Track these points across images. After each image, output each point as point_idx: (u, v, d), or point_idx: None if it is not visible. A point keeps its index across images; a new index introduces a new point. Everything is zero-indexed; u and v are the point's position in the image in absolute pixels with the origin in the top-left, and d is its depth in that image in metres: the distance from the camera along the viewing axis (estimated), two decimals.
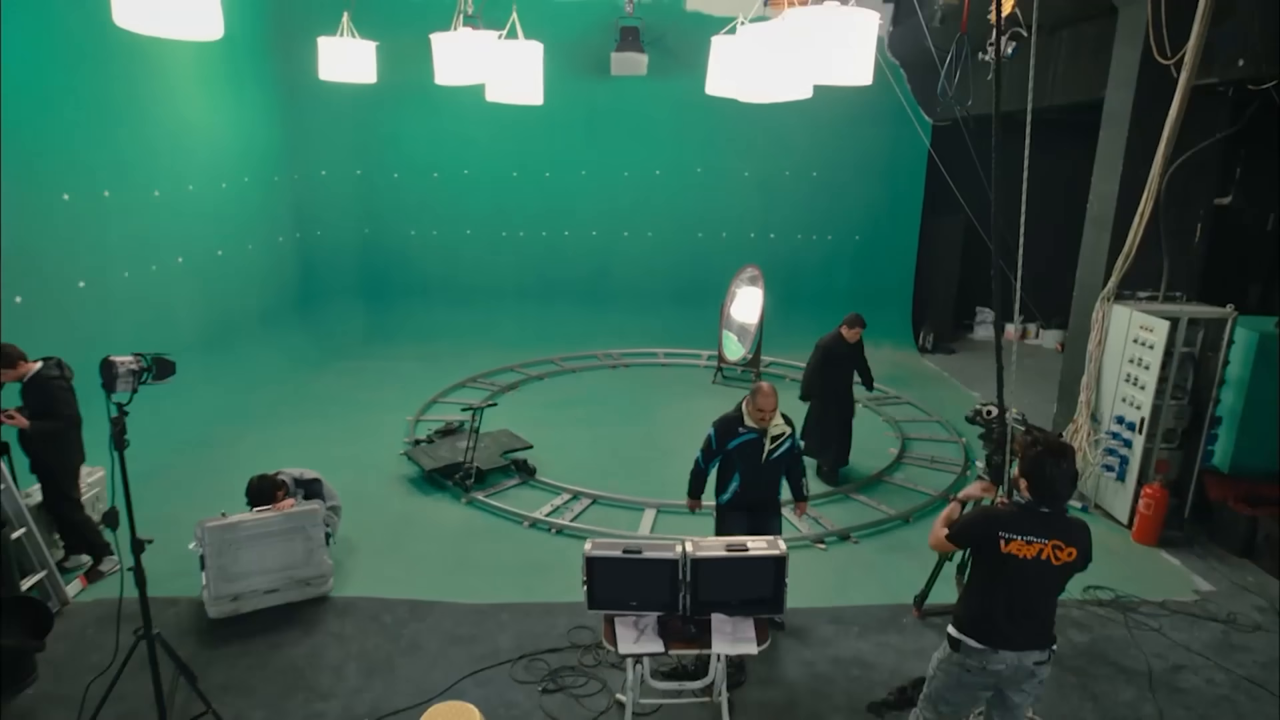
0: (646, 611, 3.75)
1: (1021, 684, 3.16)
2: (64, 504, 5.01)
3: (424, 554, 5.72)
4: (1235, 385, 6.58)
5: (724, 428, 4.64)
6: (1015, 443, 3.76)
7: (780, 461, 4.68)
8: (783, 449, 4.65)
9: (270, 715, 4.05)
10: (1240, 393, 6.58)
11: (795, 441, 4.76)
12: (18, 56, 6.07)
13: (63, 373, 4.92)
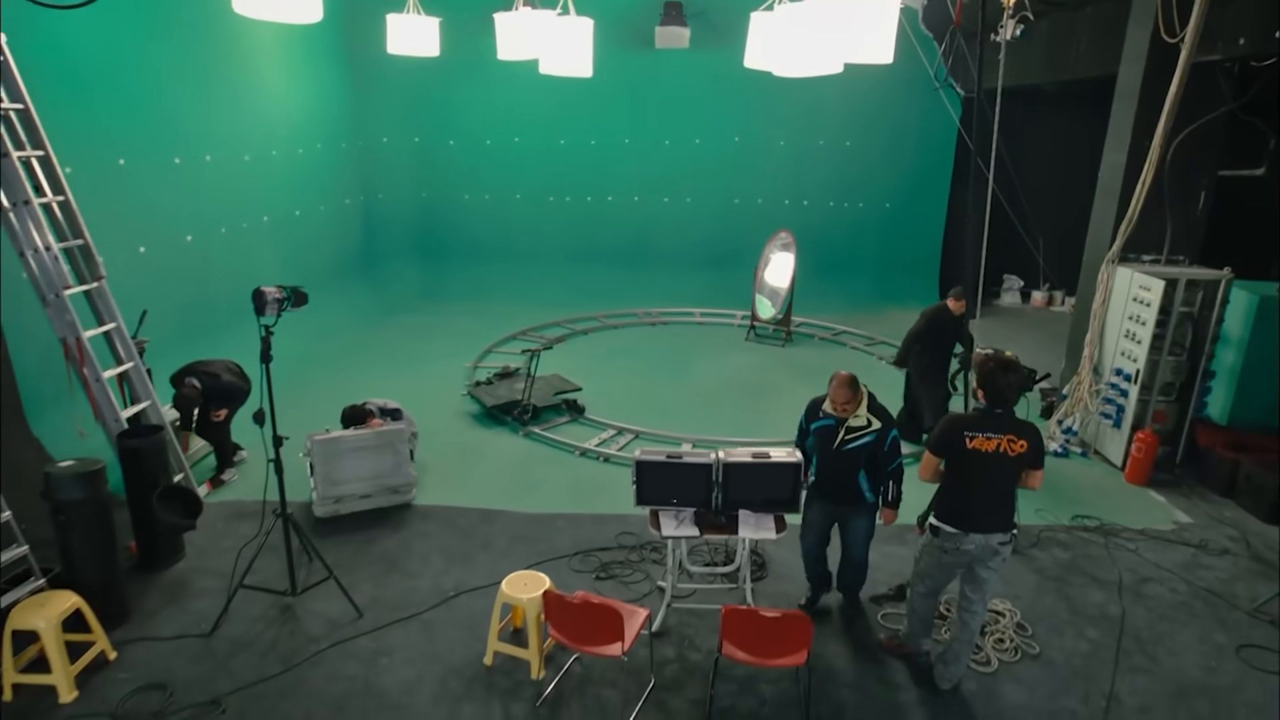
0: (685, 507, 4.55)
1: (988, 561, 3.90)
2: (212, 429, 6.05)
3: (489, 475, 6.59)
4: (1235, 345, 7.09)
5: (810, 407, 4.53)
6: (974, 360, 4.32)
7: (856, 454, 4.35)
8: (860, 442, 4.32)
9: (375, 588, 4.95)
10: (1240, 352, 7.09)
11: (884, 439, 4.32)
12: (136, 39, 6.95)
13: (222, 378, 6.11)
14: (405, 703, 4.01)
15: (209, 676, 4.14)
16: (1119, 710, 4.10)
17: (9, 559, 4.31)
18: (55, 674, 3.93)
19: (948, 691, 4.17)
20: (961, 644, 4.10)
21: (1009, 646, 4.55)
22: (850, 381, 4.26)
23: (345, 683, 4.14)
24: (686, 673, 4.28)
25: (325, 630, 4.54)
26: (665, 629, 4.62)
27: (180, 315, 7.46)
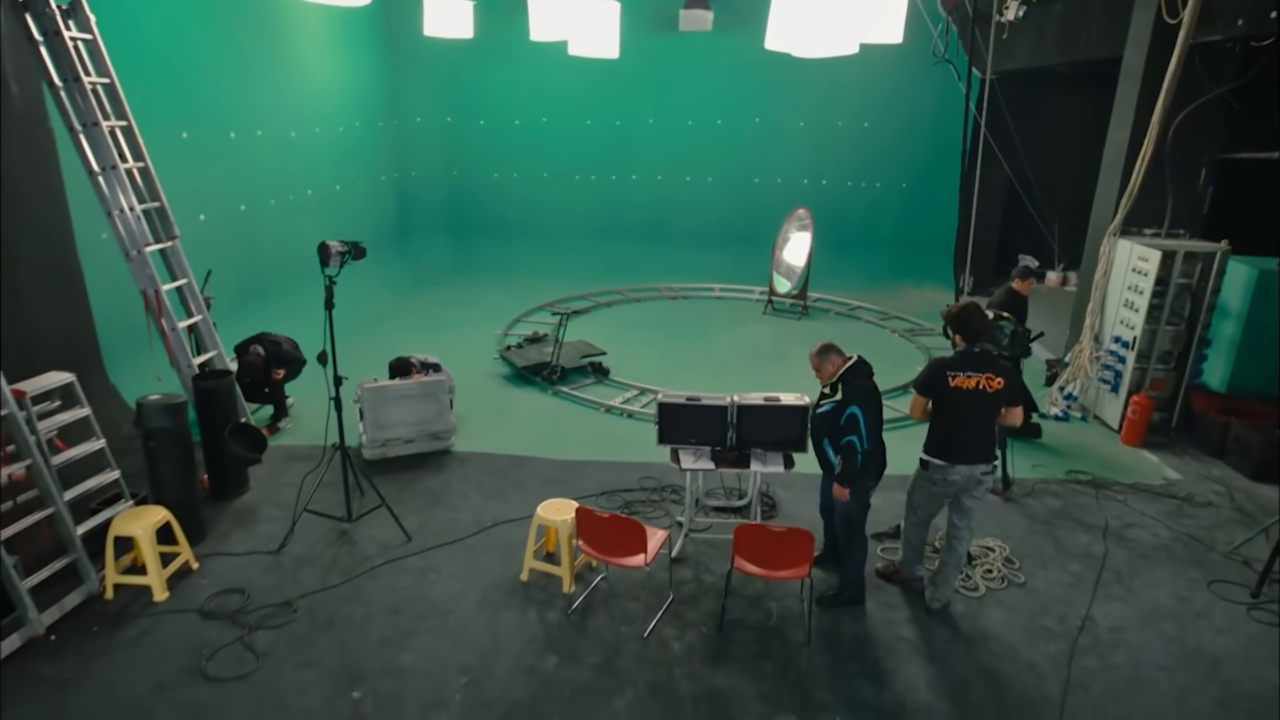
0: (703, 445, 5.02)
1: (972, 490, 4.34)
2: (271, 387, 6.67)
3: (521, 427, 7.10)
4: (1235, 317, 7.41)
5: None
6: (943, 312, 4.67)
7: (819, 421, 4.46)
8: (821, 410, 4.43)
9: (420, 518, 5.48)
10: (1239, 323, 7.40)
11: (840, 413, 4.28)
12: (197, 22, 7.48)
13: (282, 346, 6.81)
14: (452, 609, 4.53)
15: (279, 585, 4.70)
16: (1092, 628, 4.53)
17: (104, 483, 4.88)
18: (150, 576, 4.50)
19: (938, 611, 4.62)
20: (950, 567, 4.55)
21: (997, 576, 4.98)
22: (818, 350, 4.46)
23: (399, 592, 4.67)
24: (702, 591, 4.77)
25: (378, 551, 5.08)
26: (683, 556, 5.11)
27: (235, 279, 8.01)
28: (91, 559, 4.51)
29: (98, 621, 4.33)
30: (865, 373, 4.38)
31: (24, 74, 5.46)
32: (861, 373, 4.36)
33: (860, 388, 4.29)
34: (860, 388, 4.29)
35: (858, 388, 4.29)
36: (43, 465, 4.34)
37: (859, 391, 4.26)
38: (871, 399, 4.31)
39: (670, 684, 4.00)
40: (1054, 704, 3.95)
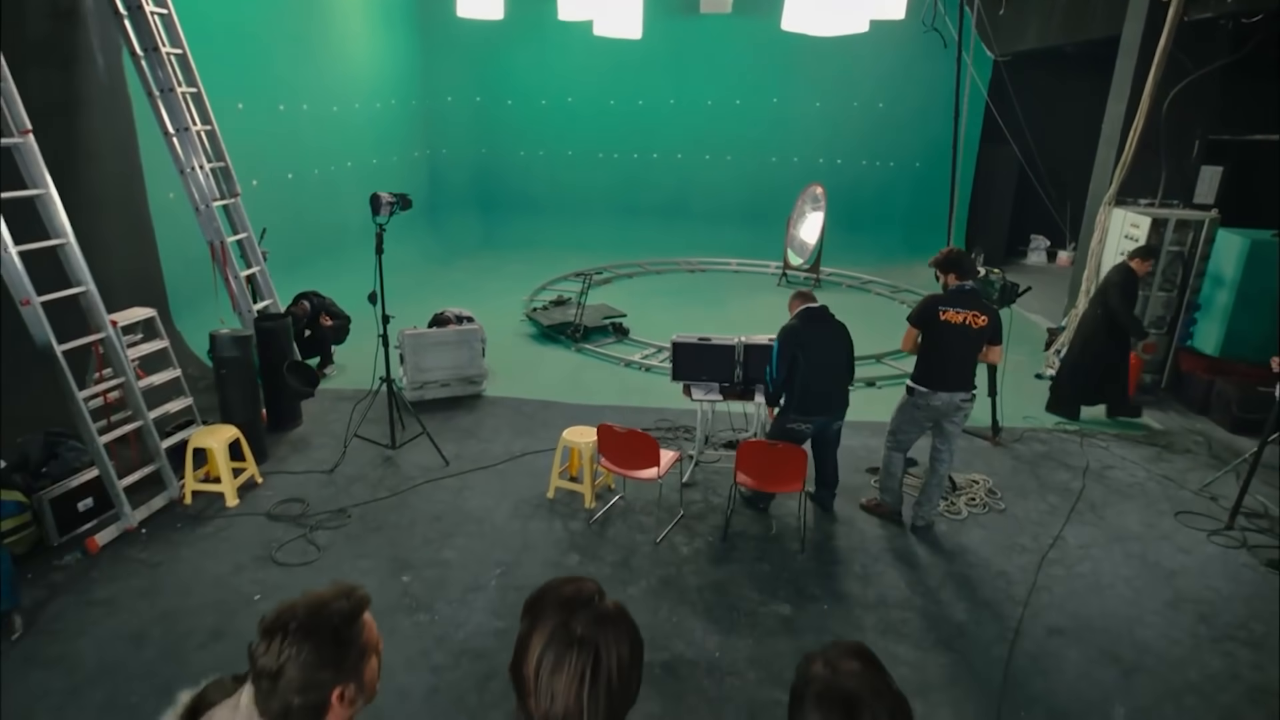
0: (712, 382, 5.55)
1: (952, 416, 4.83)
2: (316, 335, 7.30)
3: (547, 378, 7.67)
4: (1229, 285, 7.78)
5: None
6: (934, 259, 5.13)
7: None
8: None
9: (456, 448, 6.06)
10: (1233, 291, 7.77)
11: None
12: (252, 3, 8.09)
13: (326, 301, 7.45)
14: (486, 518, 5.11)
15: (334, 496, 5.30)
16: (1062, 546, 5.01)
17: (179, 408, 5.51)
18: (224, 484, 5.12)
19: (921, 529, 5.12)
20: (932, 488, 5.04)
21: (979, 504, 5.47)
22: (790, 296, 5.12)
23: (439, 505, 5.26)
24: (710, 509, 5.31)
25: (420, 473, 5.67)
26: (693, 481, 5.65)
27: (281, 243, 8.61)
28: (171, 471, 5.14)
29: (180, 520, 4.96)
30: (814, 317, 4.87)
31: (108, 45, 6.09)
32: (812, 317, 4.86)
33: (785, 328, 4.89)
34: (785, 328, 4.89)
35: (784, 327, 4.88)
36: (134, 385, 4.97)
37: (782, 330, 4.88)
38: (796, 339, 4.81)
39: (679, 578, 4.55)
40: (1019, 602, 4.44)
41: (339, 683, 1.41)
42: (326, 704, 1.41)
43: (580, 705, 1.24)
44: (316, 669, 1.38)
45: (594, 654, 1.26)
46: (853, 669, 1.32)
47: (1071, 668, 3.93)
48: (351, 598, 1.47)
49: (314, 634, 1.39)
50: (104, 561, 4.50)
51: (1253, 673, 3.93)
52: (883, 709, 1.29)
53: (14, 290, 4.37)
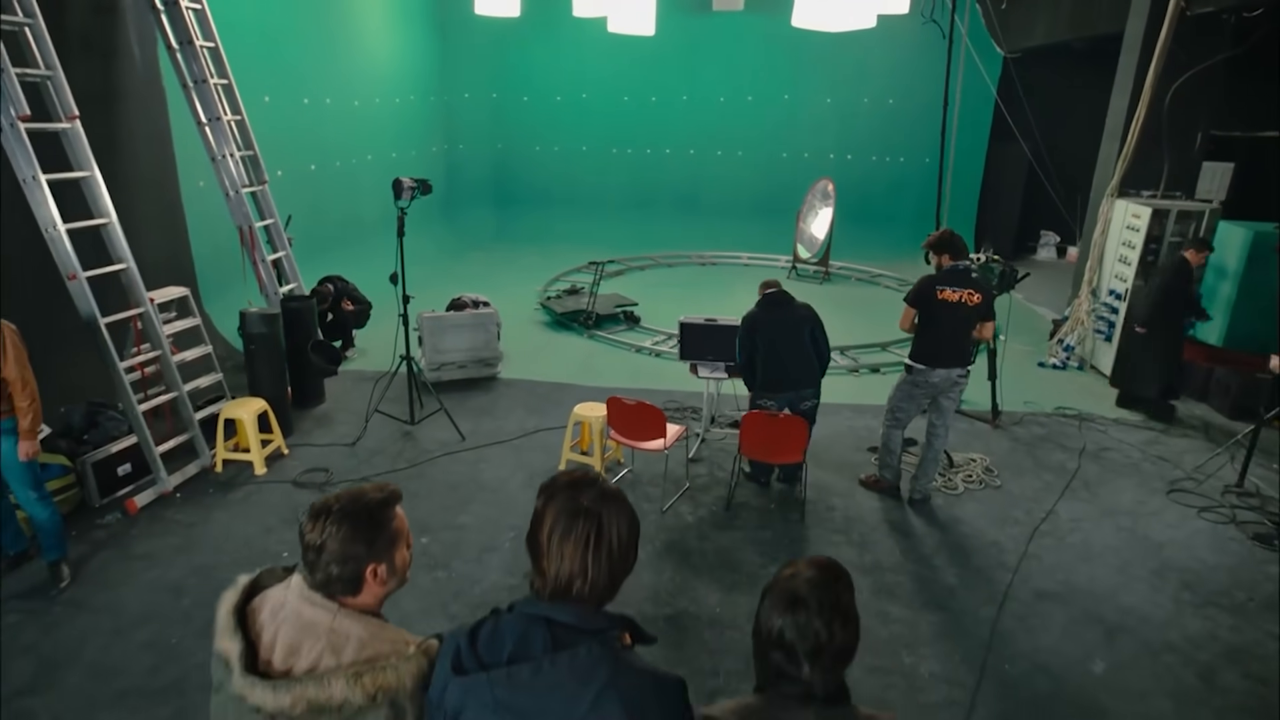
0: (718, 361, 5.77)
1: (949, 391, 5.02)
2: (338, 319, 7.58)
3: (560, 362, 7.91)
4: (1231, 277, 7.91)
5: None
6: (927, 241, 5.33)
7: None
8: None
9: (472, 425, 6.31)
10: (1235, 283, 7.90)
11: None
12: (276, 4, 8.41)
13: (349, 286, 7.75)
14: (500, 488, 5.35)
15: (356, 467, 5.57)
16: (1054, 520, 5.19)
17: (210, 383, 5.80)
18: (252, 453, 5.40)
19: (918, 502, 5.32)
20: (929, 462, 5.23)
21: (976, 481, 5.66)
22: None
23: (455, 475, 5.51)
24: (714, 482, 5.53)
25: (438, 447, 5.93)
26: (699, 457, 5.87)
27: (303, 232, 8.91)
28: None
29: (212, 486, 5.25)
30: (772, 302, 5.12)
31: (144, 38, 6.39)
32: (770, 302, 5.12)
33: (745, 315, 5.20)
34: (745, 315, 5.20)
35: (745, 315, 5.21)
36: (169, 358, 5.25)
37: (743, 317, 5.21)
38: (751, 324, 5.11)
39: (683, 543, 4.77)
40: (1009, 568, 4.63)
41: (372, 560, 1.63)
42: (361, 578, 1.63)
43: (585, 566, 1.46)
44: (352, 544, 1.60)
45: (597, 523, 1.48)
46: (810, 576, 1.52)
47: (1056, 627, 4.12)
48: (385, 490, 1.71)
49: (351, 516, 1.62)
50: (142, 521, 4.79)
51: (1231, 634, 4.11)
52: (824, 614, 1.46)
53: (62, 265, 4.66)
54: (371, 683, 1.51)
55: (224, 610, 1.64)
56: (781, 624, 1.47)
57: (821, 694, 1.46)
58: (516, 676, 1.41)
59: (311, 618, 1.60)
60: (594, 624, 1.46)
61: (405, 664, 1.55)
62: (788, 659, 1.47)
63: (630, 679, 1.41)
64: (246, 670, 1.54)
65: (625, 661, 1.43)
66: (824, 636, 1.44)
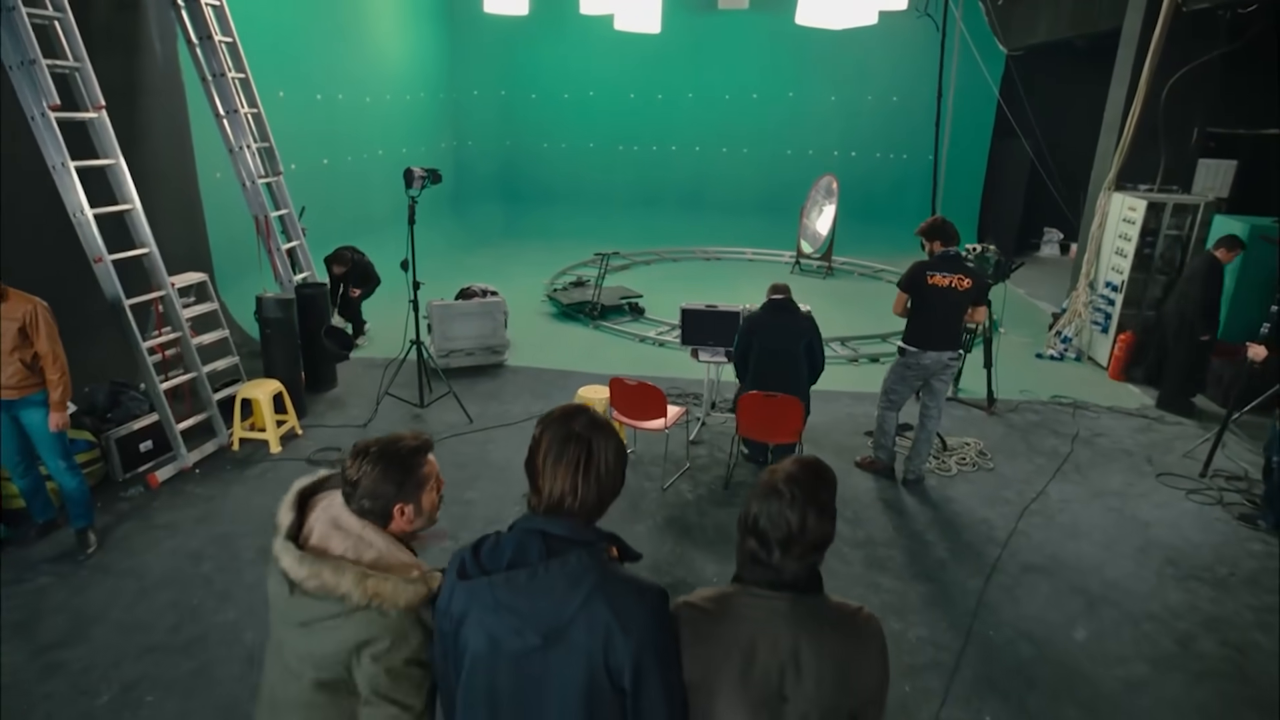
0: (718, 346, 5.94)
1: (940, 374, 5.17)
2: (348, 305, 7.85)
3: (565, 351, 8.09)
4: (1229, 270, 8.01)
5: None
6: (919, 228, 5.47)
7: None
8: None
9: (480, 408, 6.50)
10: (1233, 276, 8.00)
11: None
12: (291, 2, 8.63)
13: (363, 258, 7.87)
14: (507, 466, 5.53)
15: None
16: (1044, 501, 5.33)
17: (227, 365, 6.01)
18: (268, 432, 5.60)
19: (912, 482, 5.47)
20: (922, 443, 5.39)
21: (969, 464, 5.80)
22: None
23: (463, 455, 5.70)
24: (714, 463, 5.70)
25: (446, 429, 6.11)
26: (700, 440, 6.04)
27: (316, 223, 9.13)
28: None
29: (229, 463, 5.45)
30: (776, 307, 5.26)
31: (164, 34, 6.61)
32: (774, 307, 5.26)
33: (747, 315, 5.45)
34: (747, 315, 5.45)
35: (747, 315, 5.47)
36: (189, 340, 5.46)
37: (745, 317, 5.46)
38: (751, 324, 5.29)
39: (683, 518, 4.95)
40: (998, 544, 4.78)
41: (399, 500, 1.82)
42: (390, 514, 1.83)
43: (575, 485, 1.64)
44: (383, 484, 1.80)
45: (588, 447, 1.65)
46: (791, 471, 1.66)
47: (1041, 598, 4.27)
48: (419, 439, 1.90)
49: (385, 459, 1.81)
50: (163, 494, 4.99)
51: (1211, 606, 4.25)
52: (797, 506, 1.58)
53: (88, 248, 4.86)
54: (373, 587, 1.69)
55: (294, 489, 1.90)
56: (757, 512, 1.62)
57: (791, 580, 1.60)
58: (514, 580, 1.58)
59: (347, 522, 1.81)
60: (584, 536, 1.63)
61: (406, 585, 1.73)
62: (761, 545, 1.61)
63: (616, 585, 1.58)
64: (288, 537, 1.77)
65: (611, 570, 1.61)
66: (795, 526, 1.58)
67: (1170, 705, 3.53)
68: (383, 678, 1.72)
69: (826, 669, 1.57)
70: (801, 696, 1.56)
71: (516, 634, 1.57)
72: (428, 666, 1.77)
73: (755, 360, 5.24)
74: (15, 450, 4.21)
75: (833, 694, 1.58)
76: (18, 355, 3.97)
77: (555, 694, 1.56)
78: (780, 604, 1.60)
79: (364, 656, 1.72)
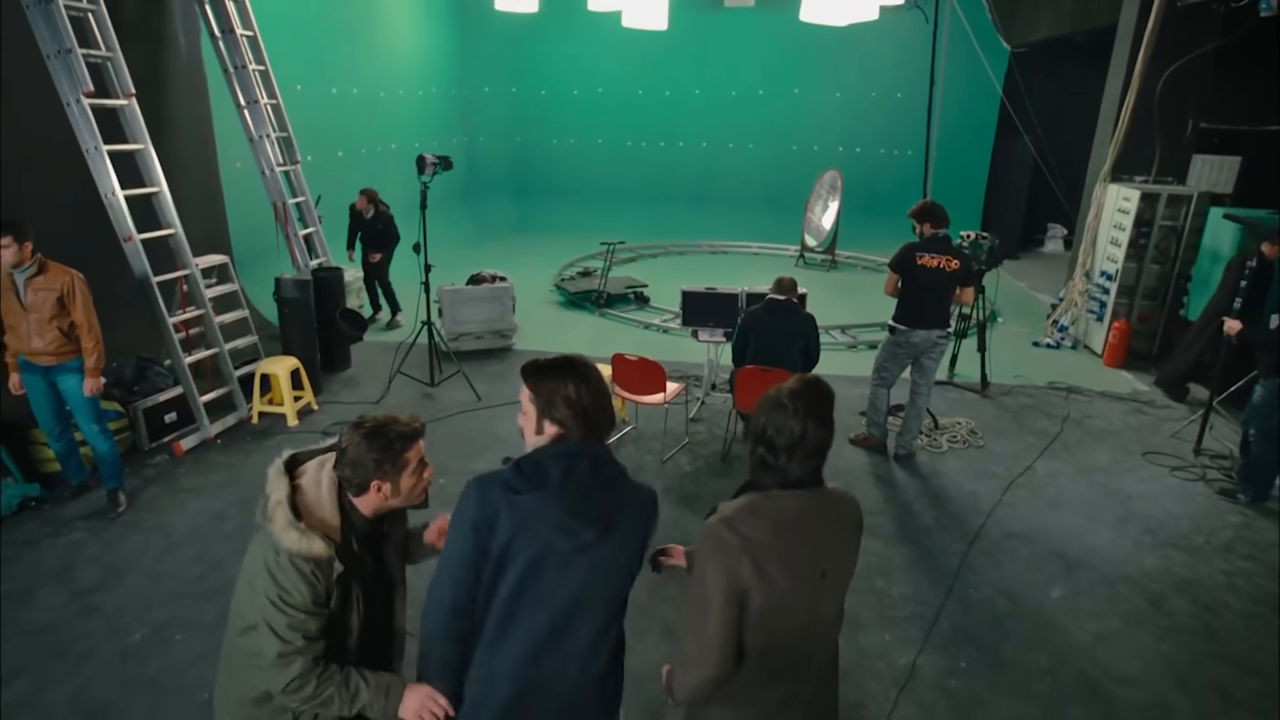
0: (718, 327, 6.16)
1: (930, 352, 5.37)
2: (373, 273, 8.14)
3: (572, 337, 8.34)
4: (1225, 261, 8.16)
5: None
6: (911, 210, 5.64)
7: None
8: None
9: (488, 388, 6.74)
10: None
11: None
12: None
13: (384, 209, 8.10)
14: (512, 439, 5.76)
15: None
16: (1031, 475, 5.52)
17: (246, 344, 6.27)
18: (285, 406, 5.86)
19: (903, 457, 5.67)
20: (912, 419, 5.59)
21: (960, 441, 5.99)
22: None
23: (471, 430, 5.94)
24: (712, 438, 5.92)
25: (455, 406, 6.36)
26: (699, 417, 6.26)
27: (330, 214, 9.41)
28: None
29: (249, 434, 5.72)
30: (776, 307, 5.31)
31: (188, 27, 6.89)
32: (774, 307, 5.32)
33: (748, 310, 5.60)
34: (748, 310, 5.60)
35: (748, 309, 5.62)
36: (211, 317, 5.73)
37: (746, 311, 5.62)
38: (749, 324, 5.37)
39: (681, 488, 5.17)
40: (983, 513, 4.97)
41: (377, 477, 1.97)
42: (367, 487, 1.98)
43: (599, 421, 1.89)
44: (365, 459, 1.95)
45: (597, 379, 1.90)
46: (793, 387, 1.88)
47: (1021, 561, 4.47)
48: (411, 426, 2.06)
49: (374, 437, 1.97)
50: (188, 462, 5.26)
51: (1184, 570, 4.43)
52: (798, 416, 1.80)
53: (119, 228, 5.14)
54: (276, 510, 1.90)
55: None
56: (765, 423, 1.85)
57: (797, 480, 1.84)
58: (573, 489, 1.84)
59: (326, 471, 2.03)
60: (607, 455, 1.94)
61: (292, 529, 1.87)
62: (769, 452, 1.85)
63: (639, 489, 1.96)
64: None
65: (630, 479, 1.96)
66: (798, 434, 1.81)
67: (1137, 655, 3.72)
68: (267, 606, 1.86)
69: (846, 542, 1.93)
70: (835, 570, 1.89)
71: (572, 535, 1.82)
72: (311, 614, 1.90)
73: (753, 351, 5.38)
74: (52, 414, 4.48)
75: (850, 562, 1.95)
76: (56, 324, 4.24)
77: (604, 578, 1.88)
78: (797, 500, 1.84)
79: (258, 581, 1.89)
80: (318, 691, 1.91)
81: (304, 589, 1.87)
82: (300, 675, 1.89)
